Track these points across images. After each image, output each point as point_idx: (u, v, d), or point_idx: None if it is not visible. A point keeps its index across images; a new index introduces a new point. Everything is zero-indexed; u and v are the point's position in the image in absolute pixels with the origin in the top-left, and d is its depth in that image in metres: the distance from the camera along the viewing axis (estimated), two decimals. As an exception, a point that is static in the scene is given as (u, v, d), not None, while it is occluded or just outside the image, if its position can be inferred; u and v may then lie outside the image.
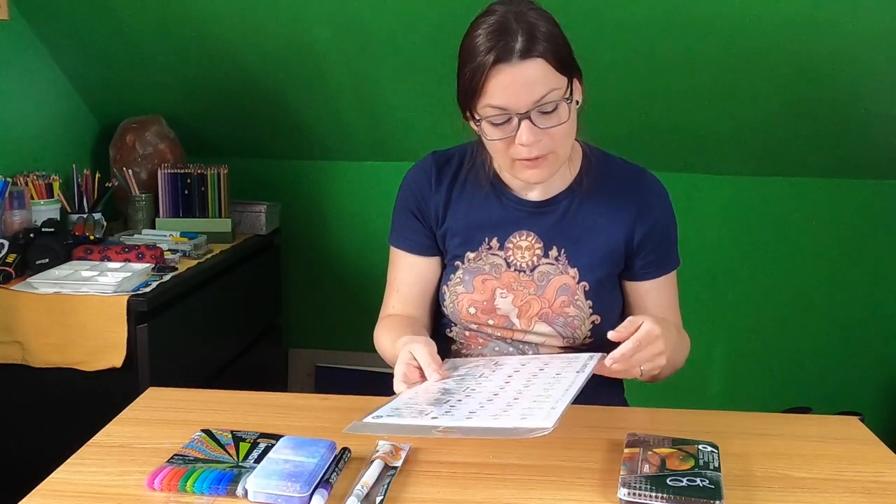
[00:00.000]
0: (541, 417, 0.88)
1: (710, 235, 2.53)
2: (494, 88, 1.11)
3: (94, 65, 2.30)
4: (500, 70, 1.09)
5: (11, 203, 1.90)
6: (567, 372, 1.05)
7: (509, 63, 1.09)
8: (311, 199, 2.66)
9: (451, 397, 1.00)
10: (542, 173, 1.18)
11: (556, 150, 1.16)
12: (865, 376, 2.57)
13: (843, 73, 2.03)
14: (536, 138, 1.12)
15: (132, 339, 1.67)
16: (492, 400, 0.98)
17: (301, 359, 2.76)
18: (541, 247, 1.28)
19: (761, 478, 0.96)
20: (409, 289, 1.34)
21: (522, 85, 1.10)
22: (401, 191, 1.35)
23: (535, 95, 1.10)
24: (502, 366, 1.15)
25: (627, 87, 2.10)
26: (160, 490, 0.90)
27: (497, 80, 1.10)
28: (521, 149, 1.14)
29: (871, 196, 2.46)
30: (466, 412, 0.94)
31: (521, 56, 1.09)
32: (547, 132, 1.13)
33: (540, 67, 1.10)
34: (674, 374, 1.29)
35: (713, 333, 2.59)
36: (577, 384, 0.98)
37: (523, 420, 0.89)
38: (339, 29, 2.10)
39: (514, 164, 1.18)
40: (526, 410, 0.92)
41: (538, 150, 1.14)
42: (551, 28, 1.13)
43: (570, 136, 1.18)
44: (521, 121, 1.11)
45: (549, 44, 1.11)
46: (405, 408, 0.98)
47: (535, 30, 1.10)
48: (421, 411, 0.96)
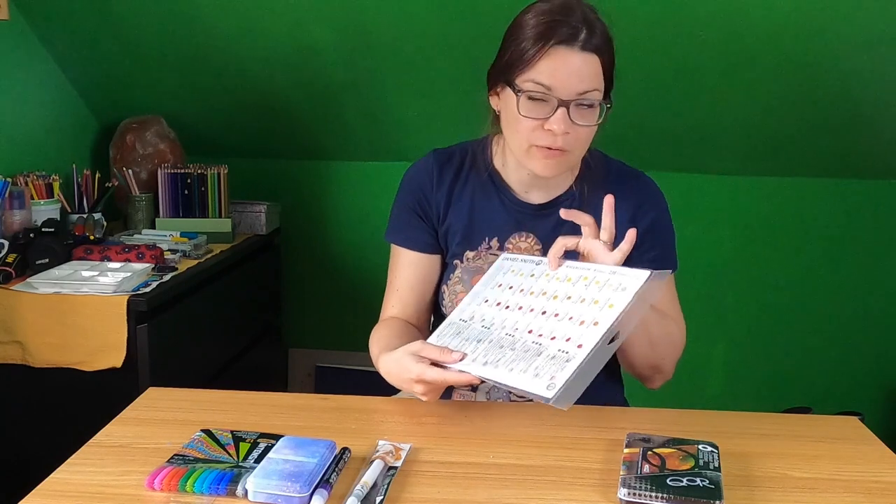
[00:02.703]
0: (543, 385, 0.94)
1: (710, 235, 2.52)
2: (547, 67, 1.12)
3: (94, 65, 2.30)
4: (560, 51, 1.11)
5: (11, 203, 1.90)
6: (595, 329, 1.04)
7: (571, 48, 1.11)
8: (311, 199, 2.66)
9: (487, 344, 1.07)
10: (554, 168, 1.18)
11: (574, 150, 1.17)
12: (865, 376, 2.57)
13: (842, 74, 2.03)
14: (567, 129, 1.13)
15: (132, 339, 1.67)
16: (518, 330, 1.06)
17: (301, 359, 2.76)
18: (540, 248, 1.28)
19: (761, 478, 0.96)
20: (410, 287, 1.33)
21: (575, 72, 1.12)
22: (401, 188, 1.35)
23: (582, 87, 1.12)
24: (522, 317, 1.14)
25: (627, 87, 2.10)
26: (160, 490, 0.90)
27: (552, 60, 1.12)
28: (546, 135, 1.14)
29: (871, 196, 2.46)
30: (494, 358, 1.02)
31: (583, 46, 1.11)
32: (575, 128, 1.14)
33: (594, 64, 1.13)
34: (664, 379, 1.29)
35: (713, 333, 2.59)
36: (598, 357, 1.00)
37: (536, 378, 0.96)
38: (339, 30, 2.10)
39: (530, 151, 1.18)
40: (540, 367, 0.98)
41: (562, 142, 1.14)
42: (609, 35, 1.16)
43: (588, 141, 1.19)
44: (560, 107, 1.12)
45: (607, 47, 1.14)
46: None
47: (596, 28, 1.13)
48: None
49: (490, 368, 1.01)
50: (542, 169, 1.19)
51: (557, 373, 0.95)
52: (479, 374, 1.02)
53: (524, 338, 1.05)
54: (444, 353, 1.06)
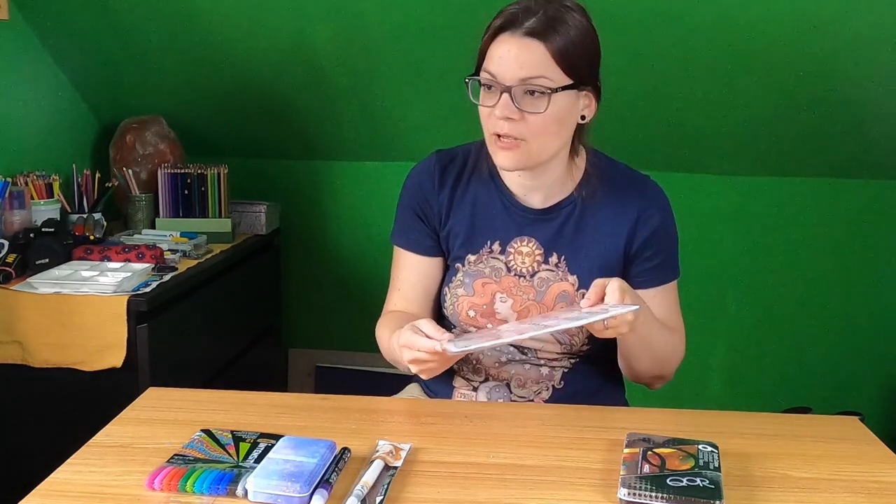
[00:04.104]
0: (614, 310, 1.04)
1: (711, 235, 2.52)
2: (493, 55, 1.15)
3: (94, 65, 2.30)
4: (502, 39, 1.14)
5: (11, 203, 1.90)
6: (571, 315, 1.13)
7: (511, 34, 1.13)
8: (311, 199, 2.66)
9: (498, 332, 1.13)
10: (512, 159, 1.18)
11: (529, 140, 1.16)
12: (865, 376, 2.57)
13: (843, 73, 2.03)
14: (510, 114, 1.14)
15: (132, 339, 1.67)
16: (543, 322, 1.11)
17: (301, 359, 2.76)
18: (541, 253, 1.28)
19: (761, 478, 0.96)
20: (412, 288, 1.34)
21: (515, 59, 1.13)
22: (404, 190, 1.35)
23: (523, 73, 1.13)
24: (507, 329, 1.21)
25: (628, 87, 2.11)
26: (160, 490, 0.90)
27: (497, 48, 1.15)
28: (497, 122, 1.16)
29: (871, 196, 2.46)
30: (538, 326, 1.08)
31: (526, 33, 1.12)
32: (524, 116, 1.14)
33: (539, 51, 1.12)
34: (664, 382, 1.29)
35: (713, 333, 2.59)
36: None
37: (605, 313, 1.04)
38: (339, 29, 2.10)
39: (491, 141, 1.19)
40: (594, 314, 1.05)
41: (509, 128, 1.15)
42: (575, 31, 1.14)
43: (547, 132, 1.17)
44: (503, 93, 1.14)
45: (561, 38, 1.13)
46: (473, 339, 1.10)
47: (556, 21, 1.12)
48: (494, 336, 1.09)
49: (543, 328, 1.08)
50: (502, 160, 1.19)
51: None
52: (536, 333, 1.08)
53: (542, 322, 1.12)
54: (439, 331, 1.08)
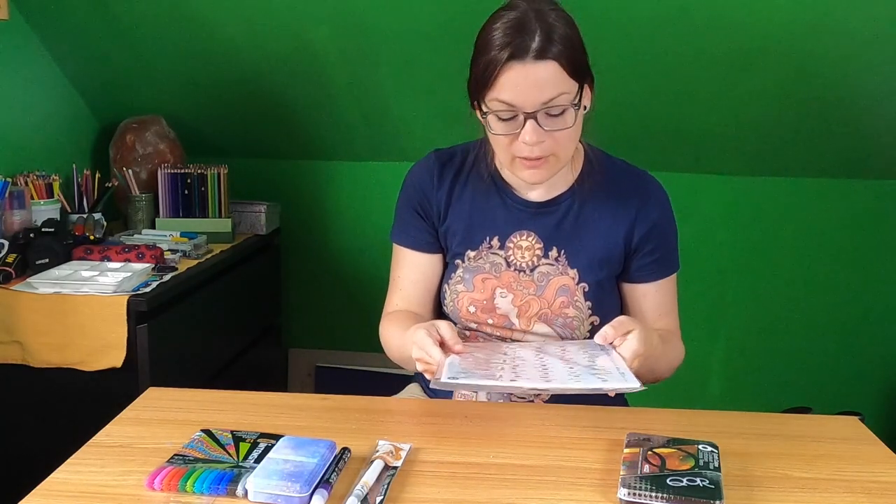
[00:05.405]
0: (618, 380, 0.98)
1: (711, 235, 2.52)
2: (505, 84, 1.11)
3: (94, 65, 2.30)
4: (513, 67, 1.10)
5: (11, 203, 1.90)
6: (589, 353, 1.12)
7: (523, 62, 1.09)
8: (311, 199, 2.66)
9: (502, 366, 1.07)
10: (541, 174, 1.19)
11: (558, 153, 1.17)
12: (865, 376, 2.57)
13: (842, 73, 2.03)
14: (540, 139, 1.13)
15: (132, 339, 1.67)
16: (546, 367, 1.07)
17: (301, 359, 2.76)
18: (541, 247, 1.28)
19: (761, 478, 0.96)
20: (412, 286, 1.34)
21: (533, 85, 1.10)
22: (403, 188, 1.36)
23: (544, 97, 1.11)
24: (520, 350, 1.18)
25: (628, 88, 2.10)
26: (160, 490, 0.90)
27: (508, 77, 1.11)
28: (522, 147, 1.14)
29: (871, 196, 2.46)
30: (538, 376, 1.03)
31: (536, 56, 1.09)
32: (551, 135, 1.13)
33: (552, 70, 1.10)
34: (664, 379, 1.29)
35: (713, 333, 2.59)
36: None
37: (605, 383, 0.98)
38: (338, 29, 2.09)
39: (514, 162, 1.18)
40: (598, 375, 1.01)
41: (540, 150, 1.14)
42: (569, 32, 1.13)
43: (573, 140, 1.18)
44: (527, 120, 1.12)
45: (565, 47, 1.11)
46: (470, 372, 1.04)
47: (553, 31, 1.11)
48: (489, 375, 1.03)
49: (541, 382, 1.01)
50: (531, 177, 1.19)
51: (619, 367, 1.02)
52: (531, 386, 1.01)
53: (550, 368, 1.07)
54: (455, 337, 1.07)
